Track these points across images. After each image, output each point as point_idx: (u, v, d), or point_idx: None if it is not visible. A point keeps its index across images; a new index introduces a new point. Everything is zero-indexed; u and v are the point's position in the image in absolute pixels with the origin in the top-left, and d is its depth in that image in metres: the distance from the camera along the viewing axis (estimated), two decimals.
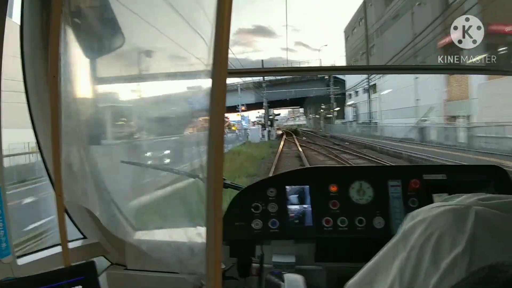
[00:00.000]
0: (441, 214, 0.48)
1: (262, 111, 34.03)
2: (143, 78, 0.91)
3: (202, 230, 0.65)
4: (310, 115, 56.79)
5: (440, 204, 0.51)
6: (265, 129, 29.21)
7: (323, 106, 40.40)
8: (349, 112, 32.02)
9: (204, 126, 0.59)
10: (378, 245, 0.62)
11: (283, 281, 1.01)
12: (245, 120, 36.13)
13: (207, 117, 0.48)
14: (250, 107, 33.09)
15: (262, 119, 33.08)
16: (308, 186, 1.31)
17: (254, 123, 36.03)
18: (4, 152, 0.88)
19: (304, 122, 66.88)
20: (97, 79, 1.00)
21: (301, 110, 63.79)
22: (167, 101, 0.94)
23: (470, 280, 0.38)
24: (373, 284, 0.55)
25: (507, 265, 0.36)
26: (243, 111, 32.54)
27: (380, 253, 0.57)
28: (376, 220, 1.25)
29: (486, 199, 0.48)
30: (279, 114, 52.48)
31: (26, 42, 1.00)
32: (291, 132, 39.36)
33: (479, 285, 0.37)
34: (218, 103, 0.44)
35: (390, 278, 0.50)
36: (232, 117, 34.50)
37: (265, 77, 26.36)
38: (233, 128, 30.80)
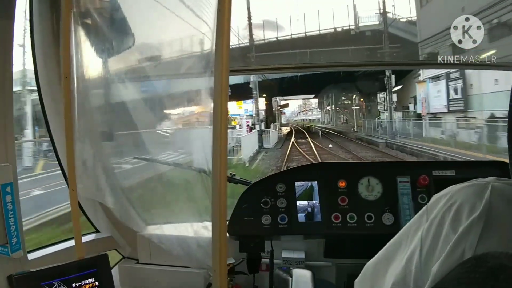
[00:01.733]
0: (463, 188, 0.52)
1: (263, 102, 20.33)
2: (151, 76, 0.92)
3: (210, 224, 0.66)
4: (328, 107, 39.19)
5: (462, 183, 0.55)
6: (253, 128, 16.53)
7: (344, 95, 28.68)
8: (432, 94, 14.70)
9: (209, 122, 0.60)
10: (387, 241, 0.61)
11: (291, 276, 1.02)
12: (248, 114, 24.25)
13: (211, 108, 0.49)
14: (238, 92, 17.64)
15: (263, 113, 20.70)
16: (316, 182, 1.30)
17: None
18: None
19: (319, 116, 51.41)
20: (108, 78, 1.02)
21: (314, 102, 49.14)
22: (174, 98, 0.95)
23: (458, 270, 0.41)
24: (394, 259, 0.57)
25: (490, 256, 0.39)
26: None
27: (402, 229, 0.59)
28: (385, 217, 1.24)
29: (504, 179, 0.52)
30: (286, 106, 37.19)
31: (37, 44, 1.03)
32: (303, 131, 28.19)
33: (465, 275, 0.40)
34: (221, 101, 0.45)
35: (412, 247, 0.53)
36: (232, 109, 21.90)
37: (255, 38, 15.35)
38: (233, 123, 20.50)
